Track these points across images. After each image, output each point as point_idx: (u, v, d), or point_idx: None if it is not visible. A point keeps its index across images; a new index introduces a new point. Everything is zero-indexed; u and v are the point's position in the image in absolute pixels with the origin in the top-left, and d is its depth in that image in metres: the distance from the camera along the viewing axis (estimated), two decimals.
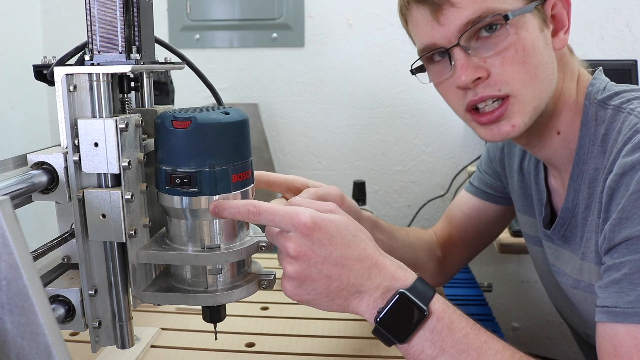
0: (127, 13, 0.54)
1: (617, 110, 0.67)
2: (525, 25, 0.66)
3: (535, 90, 0.68)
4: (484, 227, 0.98)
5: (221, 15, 1.71)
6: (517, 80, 0.67)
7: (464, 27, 0.66)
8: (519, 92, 0.67)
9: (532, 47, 0.66)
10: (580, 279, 0.73)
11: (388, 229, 0.89)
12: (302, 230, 0.55)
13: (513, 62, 0.66)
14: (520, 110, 0.68)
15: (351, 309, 0.57)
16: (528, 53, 0.66)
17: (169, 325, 0.88)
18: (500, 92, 0.67)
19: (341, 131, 1.73)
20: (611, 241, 0.60)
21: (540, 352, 1.80)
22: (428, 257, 0.97)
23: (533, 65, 0.67)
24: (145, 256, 0.58)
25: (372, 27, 1.67)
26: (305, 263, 0.55)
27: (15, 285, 0.37)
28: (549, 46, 0.69)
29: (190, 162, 0.55)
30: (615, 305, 0.58)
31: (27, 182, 0.50)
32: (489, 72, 0.67)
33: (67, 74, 0.52)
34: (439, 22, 0.68)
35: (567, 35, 0.70)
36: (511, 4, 0.66)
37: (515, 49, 0.66)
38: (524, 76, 0.67)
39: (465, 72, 0.67)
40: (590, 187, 0.70)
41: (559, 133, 0.73)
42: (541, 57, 0.67)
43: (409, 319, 0.55)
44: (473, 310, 1.03)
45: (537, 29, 0.67)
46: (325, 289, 0.56)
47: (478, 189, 0.97)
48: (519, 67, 0.66)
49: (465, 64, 0.67)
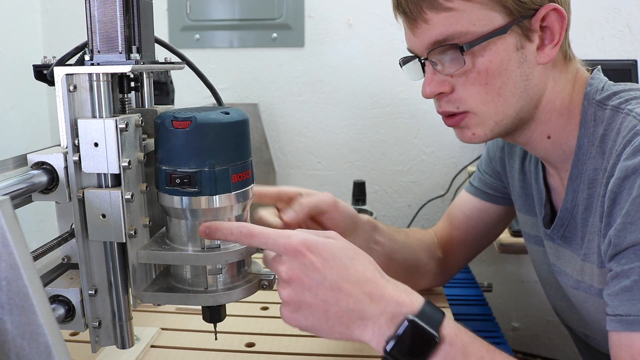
0: (127, 13, 0.54)
1: (615, 110, 0.67)
2: (493, 49, 0.67)
3: (497, 108, 0.70)
4: (485, 227, 0.98)
5: (221, 15, 1.71)
6: (476, 99, 0.69)
7: (431, 46, 0.69)
8: (478, 110, 0.70)
9: (497, 69, 0.68)
10: (582, 280, 0.73)
11: (387, 231, 0.89)
12: (293, 254, 0.54)
13: (474, 83, 0.69)
14: (479, 123, 0.71)
15: (355, 337, 0.54)
16: (492, 75, 0.68)
17: (169, 325, 0.88)
18: (458, 110, 0.71)
19: (341, 131, 1.73)
20: (617, 247, 0.60)
21: (540, 352, 1.80)
22: (429, 258, 0.96)
23: (496, 86, 0.68)
24: (145, 256, 0.58)
25: (372, 27, 1.67)
26: (298, 287, 0.54)
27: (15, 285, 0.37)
28: (526, 63, 0.68)
29: (190, 162, 0.55)
30: (629, 313, 0.57)
31: (27, 182, 0.50)
32: (453, 88, 0.70)
33: (67, 74, 0.52)
34: (413, 33, 0.71)
35: (555, 49, 0.69)
36: (482, 26, 0.66)
37: (477, 71, 0.68)
38: (484, 96, 0.69)
39: (429, 86, 0.71)
40: (589, 187, 0.70)
41: (549, 137, 0.74)
42: (508, 77, 0.68)
43: (421, 348, 0.52)
44: (473, 310, 1.03)
45: (512, 48, 0.67)
46: (323, 315, 0.54)
47: (478, 189, 0.97)
48: (480, 88, 0.69)
49: (430, 78, 0.71)
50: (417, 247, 0.95)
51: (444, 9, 0.66)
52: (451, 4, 0.66)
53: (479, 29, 0.66)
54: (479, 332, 0.94)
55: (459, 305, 1.03)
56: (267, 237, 0.55)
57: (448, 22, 0.67)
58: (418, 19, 0.69)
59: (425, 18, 0.68)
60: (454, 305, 1.02)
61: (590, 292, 0.71)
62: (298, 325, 0.55)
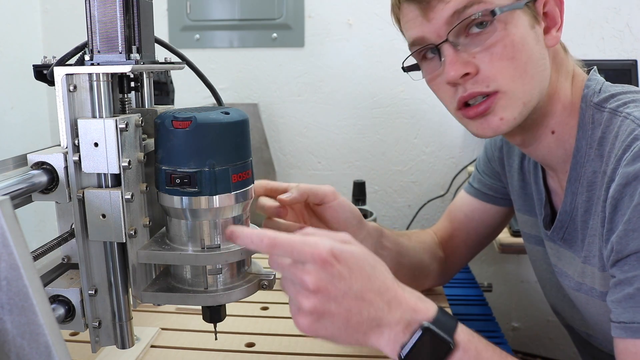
0: (127, 13, 0.54)
1: (613, 113, 0.67)
2: (514, 22, 0.66)
3: (525, 86, 0.67)
4: (485, 228, 0.98)
5: (221, 15, 1.71)
6: (505, 76, 0.67)
7: (451, 20, 0.66)
8: (508, 88, 0.67)
9: (521, 42, 0.66)
10: (583, 282, 0.73)
11: (392, 236, 0.88)
12: (322, 264, 0.52)
13: (502, 58, 0.66)
14: (509, 105, 0.68)
15: (370, 343, 0.54)
16: (517, 49, 0.66)
17: (169, 325, 0.88)
18: (488, 89, 0.67)
19: (341, 131, 1.73)
20: (619, 253, 0.60)
21: (540, 352, 1.80)
22: (431, 259, 0.96)
23: (522, 61, 0.66)
24: (145, 256, 0.58)
25: (372, 27, 1.67)
26: (324, 297, 0.52)
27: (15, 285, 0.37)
28: (540, 43, 0.68)
29: (190, 162, 0.55)
30: (633, 320, 0.57)
31: (27, 182, 0.50)
32: (477, 68, 0.67)
33: (67, 74, 0.52)
34: (427, 18, 0.68)
35: (559, 32, 0.69)
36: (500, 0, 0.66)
37: (503, 44, 0.66)
38: (513, 72, 0.66)
39: (454, 68, 0.67)
40: (588, 190, 0.70)
41: (553, 132, 0.73)
42: (531, 53, 0.67)
43: (436, 354, 0.53)
44: (473, 310, 1.03)
45: (528, 25, 0.67)
46: (345, 324, 0.53)
47: (478, 190, 0.97)
48: (508, 63, 0.66)
49: (453, 59, 0.67)
50: (419, 249, 0.95)
51: None
52: None
53: (498, 2, 0.65)
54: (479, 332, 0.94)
55: (459, 305, 1.03)
56: (292, 247, 0.52)
57: None
58: (432, 0, 0.66)
59: None
60: (454, 305, 1.02)
61: (592, 295, 0.71)
62: (316, 335, 0.54)
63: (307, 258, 0.52)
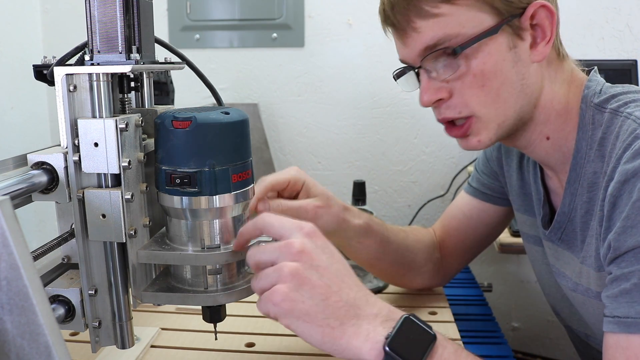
0: (127, 13, 0.54)
1: (614, 113, 0.67)
2: (486, 50, 0.67)
3: (498, 110, 0.69)
4: (484, 228, 0.98)
5: (221, 15, 1.70)
6: (476, 102, 0.69)
7: (423, 52, 0.69)
8: (480, 113, 0.70)
9: (492, 70, 0.67)
10: (579, 283, 0.73)
11: (383, 233, 0.89)
12: (306, 234, 0.54)
13: (472, 86, 0.68)
14: (483, 128, 0.71)
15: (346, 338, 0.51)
16: (487, 77, 0.67)
17: (169, 325, 0.88)
18: (460, 114, 0.70)
19: (341, 131, 1.73)
20: (617, 250, 0.60)
21: (540, 352, 1.80)
22: (426, 260, 0.96)
23: (494, 88, 0.68)
24: (145, 256, 0.58)
25: (372, 27, 1.66)
26: (307, 263, 0.52)
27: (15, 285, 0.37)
28: (520, 62, 0.68)
29: (190, 162, 0.55)
30: (628, 315, 0.57)
31: (27, 182, 0.50)
32: (451, 93, 0.70)
33: (67, 74, 0.52)
34: (403, 43, 0.71)
35: (548, 46, 0.69)
36: (473, 28, 0.66)
37: (472, 74, 0.67)
38: (484, 99, 0.69)
39: (427, 94, 0.70)
40: (589, 191, 0.70)
41: (548, 138, 0.74)
42: (505, 77, 0.68)
43: (419, 344, 0.52)
44: (473, 310, 1.03)
45: (504, 48, 0.67)
46: (324, 300, 0.51)
47: (477, 190, 0.97)
48: (477, 91, 0.68)
49: (427, 85, 0.70)
50: (415, 248, 0.95)
51: (432, 16, 0.66)
52: (438, 9, 0.66)
53: (469, 31, 0.66)
54: (479, 332, 0.94)
55: (459, 305, 1.03)
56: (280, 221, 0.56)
57: (437, 27, 0.67)
58: (407, 28, 0.69)
59: (414, 27, 0.68)
60: (454, 305, 1.02)
61: (588, 295, 0.71)
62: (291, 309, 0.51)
63: (294, 229, 0.54)
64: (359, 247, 0.87)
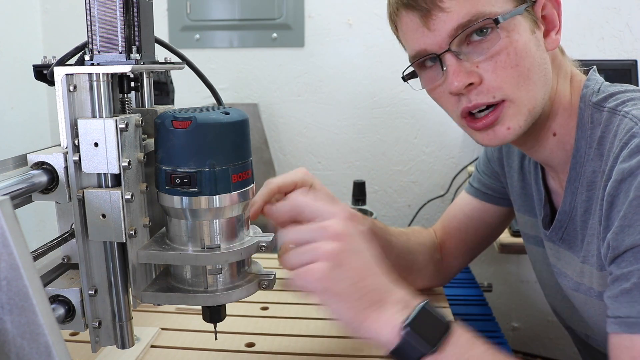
0: (127, 13, 0.54)
1: (612, 112, 0.67)
2: (516, 28, 0.66)
3: (529, 93, 0.67)
4: (485, 229, 0.98)
5: (221, 15, 1.71)
6: (510, 84, 0.66)
7: (454, 32, 0.65)
8: (514, 96, 0.67)
9: (524, 49, 0.66)
10: (581, 282, 0.73)
11: (386, 238, 0.88)
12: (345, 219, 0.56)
13: (505, 66, 0.66)
14: (516, 113, 0.68)
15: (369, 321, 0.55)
16: (520, 56, 0.66)
17: (169, 325, 0.88)
18: (494, 99, 0.67)
19: (341, 131, 1.73)
20: (616, 250, 0.60)
21: (541, 352, 1.80)
22: (427, 261, 0.96)
23: (526, 68, 0.66)
24: (145, 256, 0.58)
25: (372, 27, 1.67)
26: (347, 244, 0.55)
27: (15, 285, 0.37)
28: (541, 48, 0.68)
29: (190, 162, 0.55)
30: (629, 315, 0.57)
31: (27, 182, 0.50)
32: (481, 78, 0.66)
33: (67, 74, 0.52)
34: (428, 27, 0.67)
35: (558, 35, 0.69)
36: (501, 7, 0.65)
37: (507, 52, 0.65)
38: (518, 80, 0.66)
39: (457, 78, 0.66)
40: (588, 190, 0.70)
41: (555, 134, 0.73)
42: (533, 59, 0.67)
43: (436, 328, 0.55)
44: (473, 310, 1.03)
45: (528, 31, 0.67)
46: (357, 283, 0.54)
47: (478, 190, 0.97)
48: (512, 71, 0.66)
49: (457, 69, 0.66)
50: (416, 250, 0.94)
51: None
52: None
53: (499, 10, 0.65)
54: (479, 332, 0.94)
55: (459, 305, 1.03)
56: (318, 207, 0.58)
57: (469, 4, 0.64)
58: (433, 9, 0.66)
59: (441, 7, 0.65)
60: (454, 305, 1.02)
61: (590, 295, 0.71)
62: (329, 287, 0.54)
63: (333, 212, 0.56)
64: None
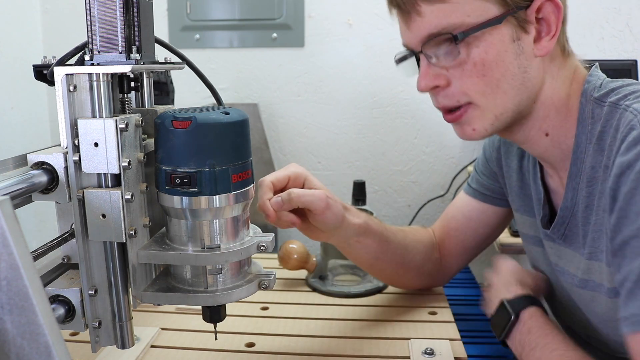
0: (127, 13, 0.54)
1: (613, 107, 0.67)
2: (489, 40, 0.66)
3: (496, 101, 0.69)
4: (484, 229, 0.98)
5: (221, 15, 1.71)
6: (475, 92, 0.68)
7: (426, 39, 0.68)
8: (479, 102, 0.69)
9: (494, 60, 0.67)
10: (589, 279, 0.73)
11: (382, 233, 0.89)
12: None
13: (471, 75, 0.68)
14: (480, 117, 0.70)
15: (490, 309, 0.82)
16: (488, 67, 0.67)
17: (169, 325, 0.88)
18: (459, 103, 0.70)
19: (341, 131, 1.73)
20: (614, 241, 0.60)
21: None
22: (425, 260, 0.96)
23: (494, 78, 0.67)
24: (145, 256, 0.58)
25: (372, 27, 1.67)
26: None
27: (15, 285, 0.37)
28: (523, 55, 0.68)
29: (190, 162, 0.55)
30: (635, 313, 0.57)
31: (27, 182, 0.50)
32: (449, 81, 0.69)
33: (67, 74, 0.52)
34: (408, 27, 0.70)
35: (552, 41, 0.68)
36: (477, 17, 0.65)
37: (473, 63, 0.67)
38: (484, 88, 0.68)
39: (424, 80, 0.70)
40: (588, 186, 0.70)
41: (547, 135, 0.73)
42: (506, 69, 0.67)
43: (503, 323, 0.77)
44: (473, 310, 1.03)
45: (508, 39, 0.67)
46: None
47: (477, 191, 0.97)
48: (478, 80, 0.68)
49: (425, 71, 0.70)
50: (414, 249, 0.95)
51: (438, 1, 0.66)
52: None
53: (474, 20, 0.66)
54: (479, 332, 0.94)
55: (459, 305, 1.03)
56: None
57: (442, 14, 0.66)
58: (412, 12, 0.68)
59: (418, 11, 0.67)
60: (454, 305, 1.01)
61: (600, 291, 0.71)
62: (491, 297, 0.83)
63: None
64: (358, 246, 0.87)
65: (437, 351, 0.80)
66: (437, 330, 0.88)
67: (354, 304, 0.98)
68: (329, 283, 1.05)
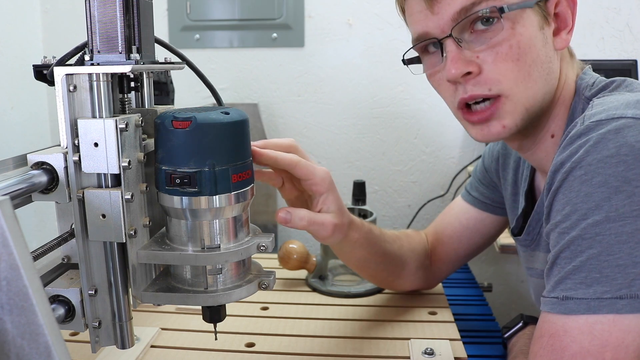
0: (127, 13, 0.54)
1: (587, 102, 0.67)
2: (523, 21, 0.64)
3: (528, 91, 0.65)
4: (479, 238, 0.97)
5: (221, 15, 1.70)
6: (509, 78, 0.64)
7: (457, 16, 0.64)
8: (511, 92, 0.65)
9: (528, 44, 0.64)
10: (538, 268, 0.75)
11: (380, 246, 0.86)
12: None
13: (506, 59, 0.64)
14: (512, 111, 0.66)
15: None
16: (523, 50, 0.64)
17: (169, 325, 0.88)
18: (490, 92, 0.65)
19: (341, 131, 1.73)
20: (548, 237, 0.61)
21: None
22: (417, 268, 0.96)
23: (527, 64, 0.64)
24: (145, 256, 0.58)
25: (372, 27, 1.67)
26: None
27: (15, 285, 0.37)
28: (547, 45, 0.66)
29: (190, 162, 0.55)
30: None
31: (27, 182, 0.50)
32: (480, 68, 0.65)
33: (67, 74, 0.52)
34: (432, 10, 0.65)
35: (569, 35, 0.68)
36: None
37: (509, 44, 0.63)
38: (517, 74, 0.64)
39: (455, 66, 0.64)
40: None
41: (553, 136, 0.72)
42: (537, 55, 0.65)
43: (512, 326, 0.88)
44: (473, 310, 1.03)
45: (536, 26, 0.65)
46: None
47: (476, 199, 0.96)
48: (512, 65, 0.64)
49: (456, 56, 0.64)
50: (407, 257, 0.94)
51: None
52: None
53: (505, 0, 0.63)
54: (479, 332, 0.94)
55: (459, 305, 1.03)
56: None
57: None
58: None
59: None
60: (454, 305, 1.02)
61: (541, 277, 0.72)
62: None
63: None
64: (352, 254, 0.84)
65: (437, 351, 0.80)
66: (437, 330, 0.88)
67: (354, 304, 0.98)
68: (329, 283, 1.05)
